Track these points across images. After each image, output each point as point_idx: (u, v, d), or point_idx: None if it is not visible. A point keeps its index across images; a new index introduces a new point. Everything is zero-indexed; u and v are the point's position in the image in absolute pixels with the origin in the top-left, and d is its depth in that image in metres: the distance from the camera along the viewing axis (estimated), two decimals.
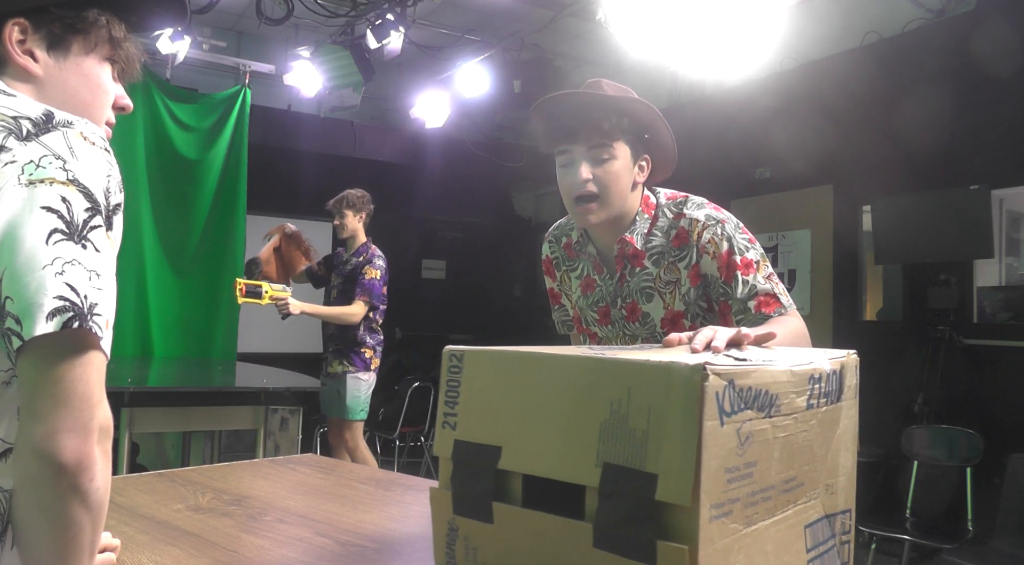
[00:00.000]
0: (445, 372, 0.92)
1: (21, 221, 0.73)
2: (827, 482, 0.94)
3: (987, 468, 3.41)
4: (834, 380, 0.95)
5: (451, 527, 0.90)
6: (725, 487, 0.75)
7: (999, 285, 4.30)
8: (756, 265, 1.49)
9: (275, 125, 6.30)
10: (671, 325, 1.56)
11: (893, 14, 4.62)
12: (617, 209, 1.54)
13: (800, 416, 0.87)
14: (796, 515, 0.88)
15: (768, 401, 0.81)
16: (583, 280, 1.69)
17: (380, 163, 6.88)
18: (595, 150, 1.50)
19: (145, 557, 1.11)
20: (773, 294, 1.48)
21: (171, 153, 5.24)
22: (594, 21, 4.21)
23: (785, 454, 0.85)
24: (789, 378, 0.85)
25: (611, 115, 1.49)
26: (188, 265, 5.29)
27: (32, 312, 0.72)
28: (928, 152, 4.34)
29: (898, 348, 4.48)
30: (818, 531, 0.93)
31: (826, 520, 0.94)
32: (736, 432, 0.76)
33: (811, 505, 0.91)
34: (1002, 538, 3.22)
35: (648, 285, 1.58)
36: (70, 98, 0.91)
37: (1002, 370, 4.06)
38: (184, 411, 3.25)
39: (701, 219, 1.52)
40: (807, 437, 0.89)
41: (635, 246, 1.57)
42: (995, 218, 4.11)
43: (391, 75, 6.24)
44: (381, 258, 3.96)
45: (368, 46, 5.09)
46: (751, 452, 0.79)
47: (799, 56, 5.05)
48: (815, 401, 0.90)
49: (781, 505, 0.85)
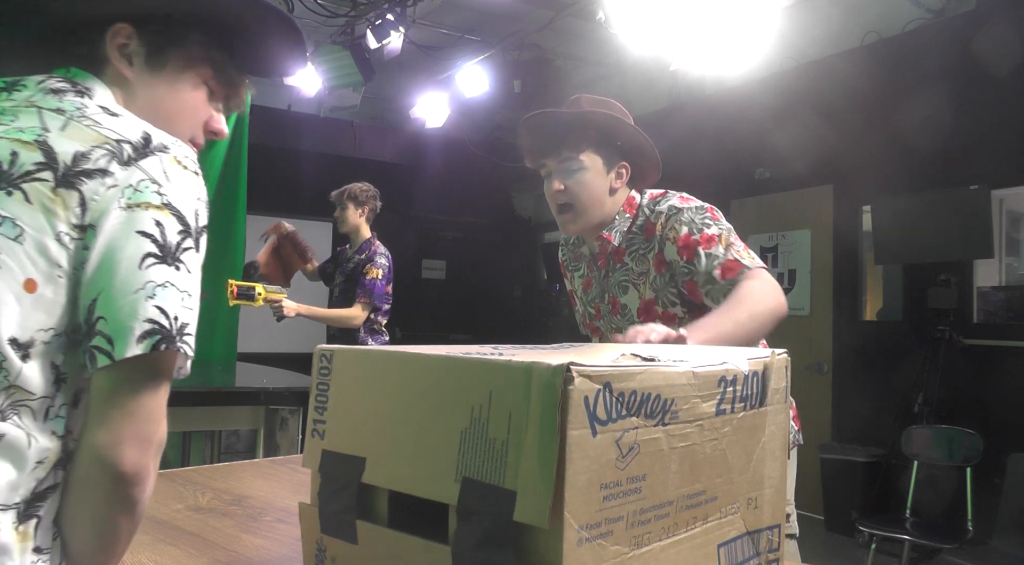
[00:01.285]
0: (315, 374, 0.83)
1: (119, 244, 0.76)
2: (749, 495, 0.85)
3: (987, 468, 3.41)
4: (754, 383, 0.85)
5: (319, 547, 0.82)
6: (600, 506, 0.65)
7: (999, 285, 4.30)
8: (718, 238, 1.53)
9: (275, 125, 6.30)
10: (646, 314, 1.63)
11: (893, 14, 4.62)
12: (595, 215, 1.63)
13: (708, 423, 0.77)
14: (706, 533, 0.79)
15: (661, 407, 0.71)
16: (584, 279, 1.79)
17: (380, 163, 6.88)
18: (565, 163, 1.62)
19: (145, 557, 1.11)
20: (735, 259, 1.50)
21: None
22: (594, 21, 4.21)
23: (688, 466, 0.75)
24: (690, 380, 0.75)
25: (576, 129, 1.61)
26: None
27: (124, 335, 0.75)
28: (928, 152, 4.34)
29: (898, 348, 4.48)
30: (736, 550, 0.83)
31: (748, 537, 0.85)
32: (615, 442, 0.66)
33: (727, 521, 0.82)
34: (1002, 538, 3.22)
35: (624, 278, 1.66)
36: (156, 108, 0.93)
37: (1002, 370, 4.06)
38: (184, 411, 3.25)
39: (664, 210, 1.60)
40: (719, 446, 0.79)
41: (613, 243, 1.65)
42: (995, 218, 4.11)
43: (391, 75, 6.24)
44: (384, 256, 3.84)
45: (368, 46, 5.09)
46: (638, 465, 0.69)
47: (799, 56, 5.05)
48: (728, 406, 0.80)
49: (684, 523, 0.75)
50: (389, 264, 3.85)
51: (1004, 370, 4.06)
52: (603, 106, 1.64)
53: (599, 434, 0.64)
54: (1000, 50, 4.02)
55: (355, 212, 3.89)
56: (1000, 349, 4.12)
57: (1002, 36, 4.04)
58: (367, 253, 3.86)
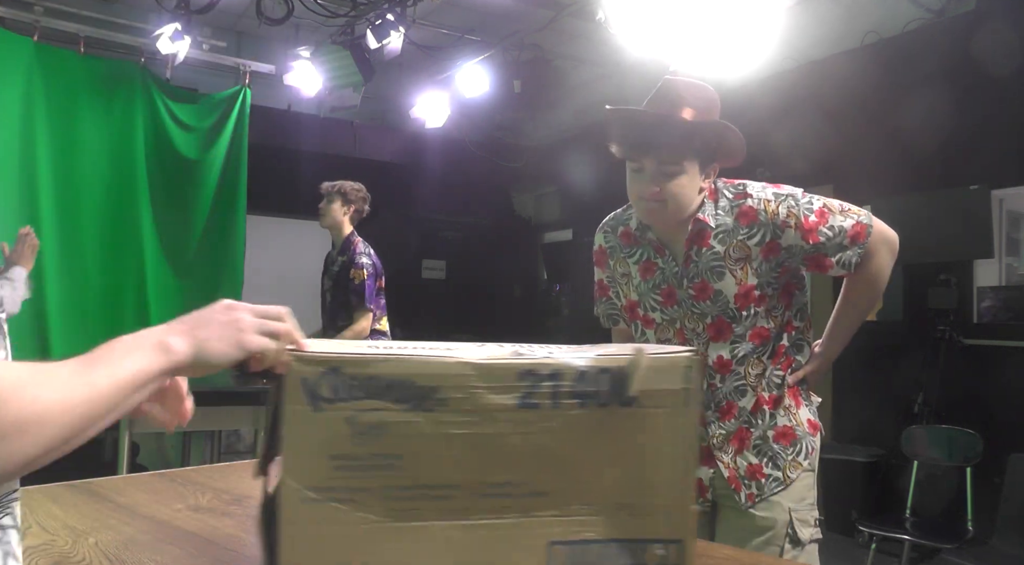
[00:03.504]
0: None
1: None
2: (620, 500, 0.81)
3: (987, 468, 3.41)
4: (603, 380, 0.80)
5: None
6: (331, 474, 0.74)
7: (999, 285, 4.30)
8: (827, 209, 1.62)
9: (275, 125, 6.30)
10: (744, 299, 1.63)
11: (893, 14, 4.62)
12: (683, 213, 1.64)
13: (507, 415, 0.77)
14: (526, 528, 0.79)
15: (418, 393, 0.75)
16: (642, 264, 1.75)
17: (380, 163, 6.88)
18: (665, 166, 1.60)
19: (145, 557, 1.11)
20: (856, 222, 1.62)
21: (171, 153, 5.24)
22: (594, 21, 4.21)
23: (479, 454, 0.77)
24: (470, 372, 0.76)
25: (683, 136, 1.59)
26: (188, 265, 5.29)
27: None
28: (928, 152, 4.34)
29: (898, 348, 4.48)
30: (589, 554, 0.80)
31: (616, 545, 0.80)
32: (345, 420, 0.74)
33: (571, 521, 0.79)
34: (1002, 538, 3.22)
35: (718, 264, 1.64)
36: None
37: (1002, 370, 4.06)
38: None
39: (771, 199, 1.63)
40: (538, 440, 0.78)
41: (708, 223, 1.64)
42: (995, 218, 4.11)
43: (391, 75, 6.23)
44: (364, 254, 3.73)
45: (368, 46, 5.08)
46: (386, 444, 0.75)
47: (799, 56, 5.05)
48: (545, 401, 0.79)
49: (485, 510, 0.77)
50: (372, 261, 3.75)
51: (1004, 370, 4.05)
52: (698, 92, 1.63)
53: (324, 411, 0.73)
54: (1000, 50, 4.02)
55: (340, 209, 3.81)
56: (1000, 349, 4.11)
57: (1002, 36, 4.04)
58: (348, 253, 3.77)
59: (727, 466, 1.67)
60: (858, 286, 1.71)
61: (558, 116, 7.09)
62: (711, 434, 1.68)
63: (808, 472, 1.68)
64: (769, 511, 1.63)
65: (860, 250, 1.62)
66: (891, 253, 1.68)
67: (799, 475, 1.66)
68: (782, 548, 1.61)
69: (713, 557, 1.19)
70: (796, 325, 1.70)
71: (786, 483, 1.65)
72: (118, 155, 5.03)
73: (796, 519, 1.62)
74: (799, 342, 1.72)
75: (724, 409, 1.67)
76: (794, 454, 1.66)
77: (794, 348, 1.71)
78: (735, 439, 1.67)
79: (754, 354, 1.65)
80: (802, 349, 1.72)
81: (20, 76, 4.56)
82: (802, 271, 1.69)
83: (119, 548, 1.14)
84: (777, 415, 1.67)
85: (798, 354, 1.71)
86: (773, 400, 1.67)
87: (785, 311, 1.68)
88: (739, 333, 1.64)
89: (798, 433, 1.67)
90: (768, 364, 1.66)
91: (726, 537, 1.68)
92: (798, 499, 1.65)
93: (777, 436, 1.66)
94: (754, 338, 1.65)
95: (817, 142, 4.80)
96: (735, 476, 1.66)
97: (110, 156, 5.00)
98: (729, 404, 1.66)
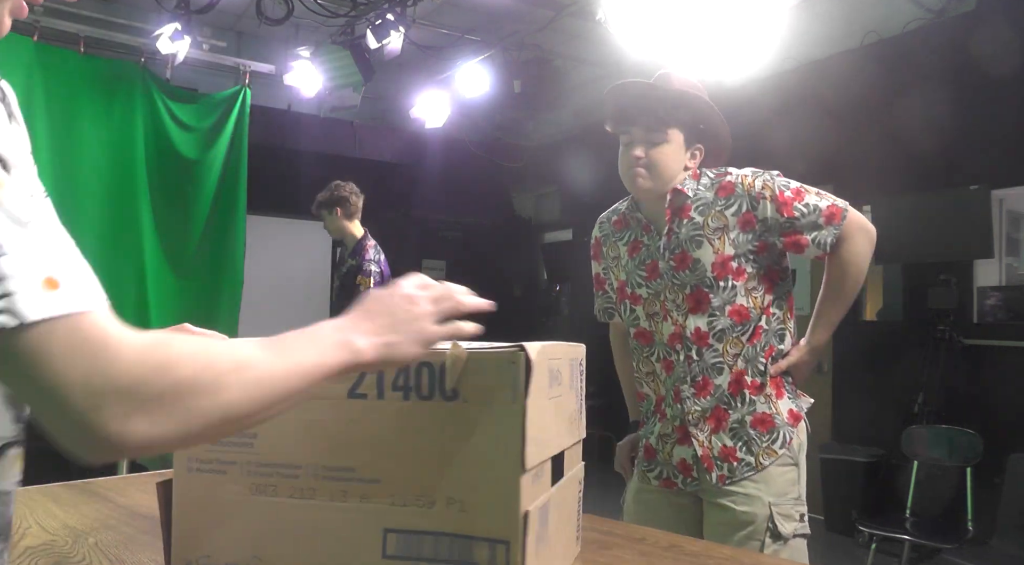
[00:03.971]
0: None
1: None
2: (450, 494, 0.80)
3: (987, 468, 3.41)
4: (423, 374, 0.82)
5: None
6: (209, 448, 0.86)
7: (999, 285, 4.30)
8: (804, 189, 1.69)
9: (275, 125, 6.30)
10: (721, 269, 1.69)
11: (893, 14, 4.62)
12: (664, 185, 1.72)
13: (340, 404, 0.82)
14: (364, 512, 0.81)
15: None
16: (630, 244, 1.84)
17: (380, 163, 6.88)
18: (651, 133, 1.70)
19: (146, 557, 1.11)
20: (832, 204, 1.68)
21: (171, 153, 5.24)
22: (594, 21, 4.21)
23: (325, 440, 0.82)
24: None
25: (668, 104, 1.70)
26: (188, 265, 5.28)
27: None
28: (928, 152, 4.34)
29: (898, 348, 4.48)
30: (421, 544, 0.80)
31: (448, 539, 0.79)
32: None
33: (403, 510, 0.81)
34: (1002, 538, 3.22)
35: (697, 233, 1.71)
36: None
37: (1002, 370, 4.06)
38: None
39: (748, 173, 1.72)
40: (369, 430, 0.81)
41: (685, 192, 1.72)
42: (995, 218, 4.11)
43: (391, 75, 6.23)
44: (373, 261, 3.65)
45: (368, 46, 5.08)
46: None
47: (799, 56, 5.05)
48: (371, 391, 0.82)
49: (328, 493, 0.82)
50: (380, 269, 3.67)
51: (1004, 370, 4.06)
52: (691, 87, 1.75)
53: None
54: (1000, 50, 4.02)
55: (333, 217, 3.74)
56: (1000, 349, 4.12)
57: (1002, 36, 4.04)
58: (358, 258, 3.70)
59: (701, 444, 1.70)
60: (836, 271, 1.73)
61: (558, 116, 7.09)
62: (686, 410, 1.71)
63: (790, 466, 1.68)
64: (749, 506, 1.65)
65: (836, 231, 1.67)
66: (868, 241, 1.71)
67: (773, 464, 1.67)
68: (763, 542, 1.62)
69: (714, 557, 1.19)
70: (775, 312, 1.73)
71: (757, 468, 1.66)
72: (118, 155, 5.03)
73: (777, 513, 1.63)
74: (780, 331, 1.74)
75: (700, 384, 1.70)
76: (769, 441, 1.68)
77: (775, 336, 1.72)
78: (712, 418, 1.70)
79: (732, 332, 1.68)
80: (783, 339, 1.74)
81: (20, 76, 4.55)
82: (785, 255, 1.74)
83: (119, 548, 1.14)
84: (757, 401, 1.69)
85: (780, 344, 1.73)
86: (756, 386, 1.69)
87: (766, 294, 1.71)
88: (716, 305, 1.68)
89: (776, 422, 1.69)
90: (746, 345, 1.68)
91: (711, 531, 1.70)
92: (779, 494, 1.66)
93: (755, 422, 1.68)
94: (733, 315, 1.68)
95: (817, 142, 4.80)
96: (708, 455, 1.69)
97: (110, 156, 5.00)
98: (705, 380, 1.70)
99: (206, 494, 0.86)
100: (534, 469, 0.82)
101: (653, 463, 1.80)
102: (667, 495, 1.78)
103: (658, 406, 1.80)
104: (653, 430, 1.80)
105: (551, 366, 0.88)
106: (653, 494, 1.80)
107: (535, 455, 0.81)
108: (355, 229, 3.79)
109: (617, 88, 1.74)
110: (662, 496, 1.79)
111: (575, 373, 1.03)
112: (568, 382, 0.99)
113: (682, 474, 1.74)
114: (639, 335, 1.81)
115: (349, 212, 3.77)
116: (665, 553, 1.19)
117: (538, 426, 0.82)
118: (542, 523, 0.84)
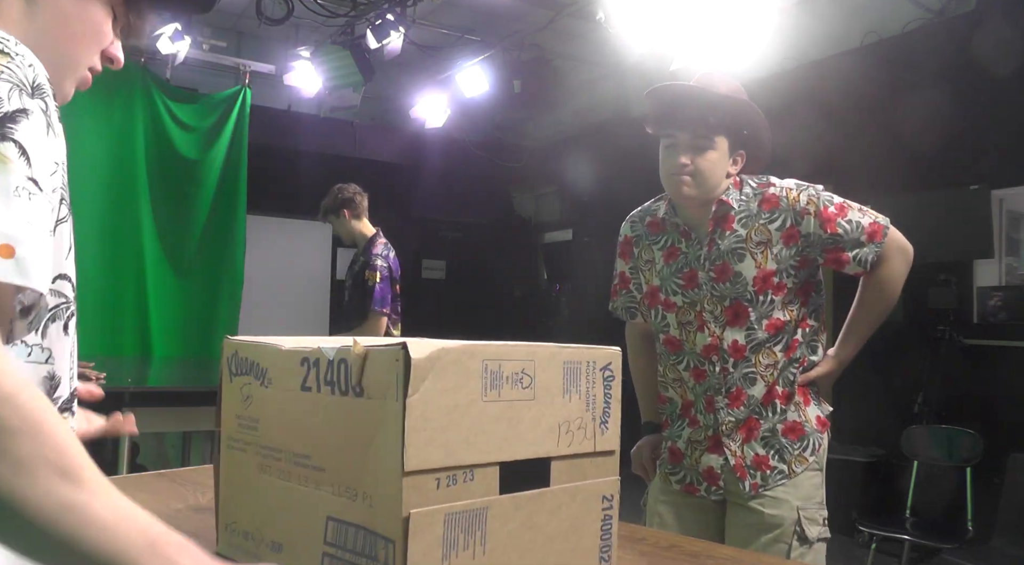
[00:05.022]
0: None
1: None
2: (363, 489, 0.80)
3: (987, 468, 3.41)
4: (340, 370, 0.82)
5: None
6: (237, 427, 0.97)
7: (999, 285, 4.30)
8: (847, 205, 1.68)
9: (275, 125, 6.30)
10: (762, 283, 1.67)
11: (893, 14, 4.62)
12: (708, 193, 1.69)
13: (297, 396, 0.88)
14: (314, 499, 0.85)
15: (261, 372, 0.94)
16: (666, 250, 1.80)
17: (380, 163, 6.88)
18: (698, 140, 1.67)
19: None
20: (874, 221, 1.67)
21: (171, 153, 5.24)
22: (594, 21, 4.21)
23: (292, 427, 0.90)
24: (281, 358, 0.91)
25: (717, 111, 1.66)
26: (188, 265, 5.29)
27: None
28: (928, 152, 4.34)
29: (898, 348, 4.48)
30: (349, 535, 0.81)
31: (363, 532, 0.79)
32: (240, 389, 0.97)
33: (341, 501, 0.82)
34: (1002, 538, 3.22)
35: (740, 246, 1.69)
36: (61, 25, 0.84)
37: (1002, 370, 4.06)
38: (184, 411, 3.25)
39: (792, 187, 1.70)
40: (315, 422, 0.86)
41: (730, 203, 1.69)
42: (995, 218, 4.11)
43: (391, 75, 6.23)
44: (380, 256, 3.67)
45: (368, 46, 5.09)
46: (255, 409, 0.95)
47: (799, 56, 5.05)
48: (313, 385, 0.86)
49: (297, 478, 0.88)
50: (388, 263, 3.69)
51: (1004, 370, 4.06)
52: (736, 91, 1.72)
53: (233, 381, 0.99)
54: (1000, 50, 4.02)
55: (342, 220, 3.75)
56: (1000, 349, 4.12)
57: (1002, 36, 4.04)
58: (367, 254, 3.73)
59: (734, 454, 1.70)
60: (872, 289, 1.73)
61: (558, 116, 7.09)
62: (720, 420, 1.71)
63: (816, 471, 1.70)
64: (777, 509, 1.66)
65: (877, 249, 1.66)
66: (906, 262, 1.70)
67: (804, 470, 1.68)
68: (790, 546, 1.63)
69: (714, 557, 1.19)
70: (810, 324, 1.73)
71: (790, 476, 1.67)
72: (118, 155, 5.04)
73: (804, 517, 1.65)
74: (812, 342, 1.74)
75: (734, 395, 1.70)
76: (800, 449, 1.69)
77: (808, 347, 1.73)
78: (743, 428, 1.70)
79: (768, 344, 1.68)
80: (816, 350, 1.75)
81: None
82: (820, 268, 1.73)
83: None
84: (788, 410, 1.70)
85: (812, 355, 1.74)
86: (786, 396, 1.70)
87: (801, 307, 1.71)
88: (755, 319, 1.67)
89: (806, 429, 1.70)
90: (781, 357, 1.69)
91: (734, 532, 1.70)
92: (806, 498, 1.67)
93: (786, 430, 1.69)
94: (769, 328, 1.68)
95: (817, 142, 4.80)
96: (741, 465, 1.69)
97: (110, 156, 5.00)
98: (738, 391, 1.69)
99: (235, 469, 0.99)
100: (438, 473, 0.78)
101: (678, 467, 1.80)
102: (688, 498, 1.79)
103: (686, 411, 1.79)
104: (681, 434, 1.79)
105: (492, 367, 0.83)
106: (676, 496, 1.80)
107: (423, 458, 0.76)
108: (365, 228, 3.80)
109: (662, 89, 1.71)
110: (684, 498, 1.79)
111: (588, 378, 0.95)
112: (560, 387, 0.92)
113: (706, 482, 1.74)
114: (668, 342, 1.79)
115: (356, 212, 3.78)
116: (665, 553, 1.19)
117: (437, 427, 0.78)
118: (462, 530, 0.80)
